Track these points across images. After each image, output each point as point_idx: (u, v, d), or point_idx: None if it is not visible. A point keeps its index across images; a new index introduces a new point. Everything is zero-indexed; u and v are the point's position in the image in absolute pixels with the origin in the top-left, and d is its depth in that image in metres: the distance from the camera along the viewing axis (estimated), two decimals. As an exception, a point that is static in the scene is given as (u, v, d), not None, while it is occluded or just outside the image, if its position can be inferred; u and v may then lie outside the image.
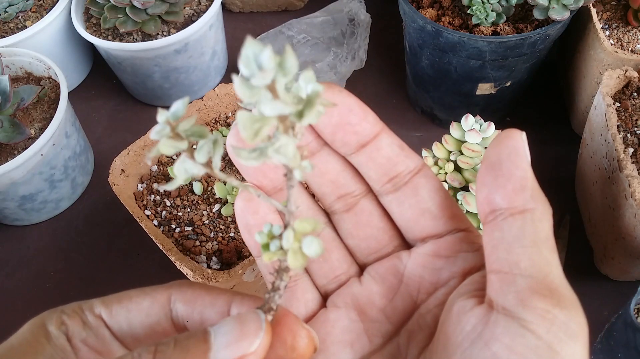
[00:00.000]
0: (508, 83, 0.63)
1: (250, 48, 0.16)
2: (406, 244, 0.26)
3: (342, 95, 0.23)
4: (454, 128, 0.48)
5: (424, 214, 0.24)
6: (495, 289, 0.20)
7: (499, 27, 0.59)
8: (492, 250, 0.20)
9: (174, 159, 0.58)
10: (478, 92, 0.65)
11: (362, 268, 0.27)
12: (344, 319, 0.25)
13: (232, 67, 0.80)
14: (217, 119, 0.60)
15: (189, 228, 0.52)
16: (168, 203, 0.54)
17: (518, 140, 0.20)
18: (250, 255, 0.48)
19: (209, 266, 0.49)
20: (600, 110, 0.54)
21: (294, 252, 0.20)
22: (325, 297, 0.26)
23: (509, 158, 0.20)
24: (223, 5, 0.85)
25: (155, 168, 0.57)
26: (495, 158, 0.20)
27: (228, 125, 0.59)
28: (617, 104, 0.54)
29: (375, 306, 0.25)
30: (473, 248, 0.24)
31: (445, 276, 0.24)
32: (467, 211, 0.46)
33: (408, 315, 0.24)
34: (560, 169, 0.65)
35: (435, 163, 0.48)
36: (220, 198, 0.53)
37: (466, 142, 0.47)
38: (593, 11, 0.60)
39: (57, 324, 0.22)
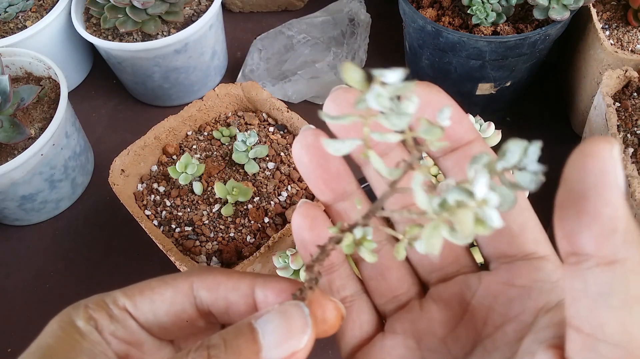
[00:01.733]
0: (508, 83, 0.63)
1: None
2: (473, 265, 0.24)
3: (439, 96, 0.22)
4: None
5: (501, 230, 0.21)
6: (575, 351, 0.17)
7: (499, 27, 0.59)
8: (573, 302, 0.17)
9: (174, 159, 0.58)
10: (478, 92, 0.65)
11: (424, 287, 0.25)
12: (401, 347, 0.24)
13: (232, 67, 0.80)
14: (217, 119, 0.60)
15: (189, 228, 0.52)
16: (168, 203, 0.54)
17: (606, 161, 0.16)
18: (250, 255, 0.48)
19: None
20: (600, 110, 0.53)
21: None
22: (383, 317, 0.25)
23: (596, 189, 0.16)
24: (223, 5, 0.85)
25: (155, 168, 0.57)
26: (578, 185, 0.16)
27: (228, 125, 0.59)
28: (617, 104, 0.54)
29: (435, 334, 0.23)
30: (551, 279, 0.21)
31: (517, 309, 0.21)
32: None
33: (470, 348, 0.22)
34: (560, 169, 0.65)
35: (435, 164, 0.48)
36: (220, 198, 0.53)
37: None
38: (593, 11, 0.60)
39: (86, 319, 0.22)
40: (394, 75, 0.17)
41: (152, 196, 0.55)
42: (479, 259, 0.25)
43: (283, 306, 0.21)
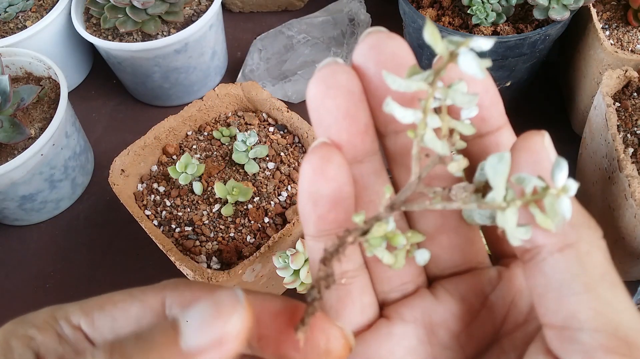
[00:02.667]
0: (508, 83, 0.63)
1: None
2: (489, 264, 0.22)
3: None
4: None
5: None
6: (557, 348, 0.16)
7: (499, 27, 0.59)
8: (540, 299, 0.17)
9: (174, 159, 0.58)
10: (478, 92, 0.65)
11: (430, 281, 0.22)
12: (411, 337, 0.20)
13: (232, 67, 0.80)
14: (217, 119, 0.60)
15: (189, 228, 0.52)
16: (168, 203, 0.54)
17: (539, 152, 0.16)
18: (250, 255, 0.48)
19: (209, 266, 0.49)
20: (600, 110, 0.53)
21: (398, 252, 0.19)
22: (381, 306, 0.22)
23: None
24: (223, 5, 0.85)
25: (155, 168, 0.57)
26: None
27: (228, 125, 0.59)
28: (617, 104, 0.54)
29: (449, 329, 0.20)
30: None
31: None
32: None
33: (485, 347, 0.20)
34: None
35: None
36: (220, 198, 0.53)
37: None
38: (593, 11, 0.60)
39: (25, 340, 0.18)
40: (485, 42, 0.16)
41: (152, 196, 0.55)
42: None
43: (215, 293, 0.17)
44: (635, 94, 0.55)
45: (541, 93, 0.73)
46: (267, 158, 0.56)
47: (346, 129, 0.19)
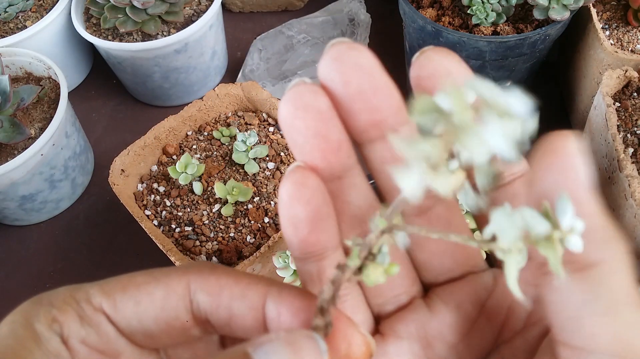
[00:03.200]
0: (508, 83, 0.63)
1: None
2: (485, 266, 0.21)
3: (460, 67, 0.19)
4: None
5: None
6: None
7: (499, 27, 0.59)
8: (555, 316, 0.16)
9: (174, 159, 0.58)
10: (478, 92, 0.65)
11: (425, 289, 0.21)
12: (406, 353, 0.20)
13: (232, 67, 0.80)
14: (217, 119, 0.60)
15: (189, 228, 0.52)
16: (168, 203, 0.54)
17: (571, 157, 0.15)
18: (250, 255, 0.48)
19: (209, 266, 0.49)
20: (600, 110, 0.53)
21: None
22: (377, 319, 0.21)
23: (561, 189, 0.15)
24: (223, 5, 0.85)
25: (155, 168, 0.57)
26: (544, 187, 0.15)
27: (228, 125, 0.59)
28: (617, 104, 0.54)
29: (445, 341, 0.20)
30: None
31: (541, 312, 0.19)
32: (467, 211, 0.45)
33: (485, 355, 0.20)
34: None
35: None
36: (220, 198, 0.53)
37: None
38: (593, 11, 0.60)
39: (48, 322, 0.18)
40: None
41: (152, 196, 0.55)
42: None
43: (292, 335, 0.17)
44: (635, 94, 0.55)
45: (541, 93, 0.73)
46: (267, 158, 0.56)
47: (318, 148, 0.18)
